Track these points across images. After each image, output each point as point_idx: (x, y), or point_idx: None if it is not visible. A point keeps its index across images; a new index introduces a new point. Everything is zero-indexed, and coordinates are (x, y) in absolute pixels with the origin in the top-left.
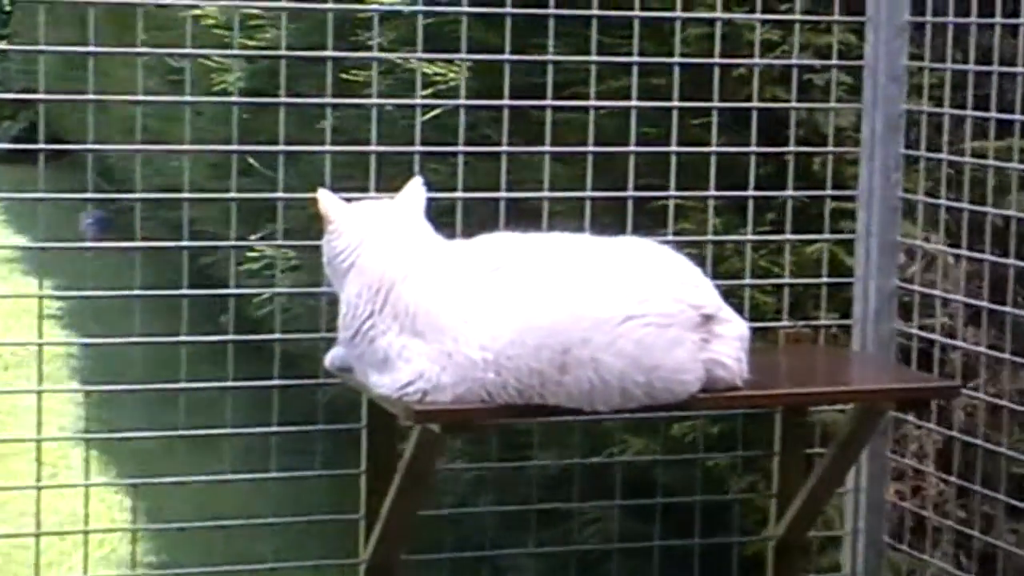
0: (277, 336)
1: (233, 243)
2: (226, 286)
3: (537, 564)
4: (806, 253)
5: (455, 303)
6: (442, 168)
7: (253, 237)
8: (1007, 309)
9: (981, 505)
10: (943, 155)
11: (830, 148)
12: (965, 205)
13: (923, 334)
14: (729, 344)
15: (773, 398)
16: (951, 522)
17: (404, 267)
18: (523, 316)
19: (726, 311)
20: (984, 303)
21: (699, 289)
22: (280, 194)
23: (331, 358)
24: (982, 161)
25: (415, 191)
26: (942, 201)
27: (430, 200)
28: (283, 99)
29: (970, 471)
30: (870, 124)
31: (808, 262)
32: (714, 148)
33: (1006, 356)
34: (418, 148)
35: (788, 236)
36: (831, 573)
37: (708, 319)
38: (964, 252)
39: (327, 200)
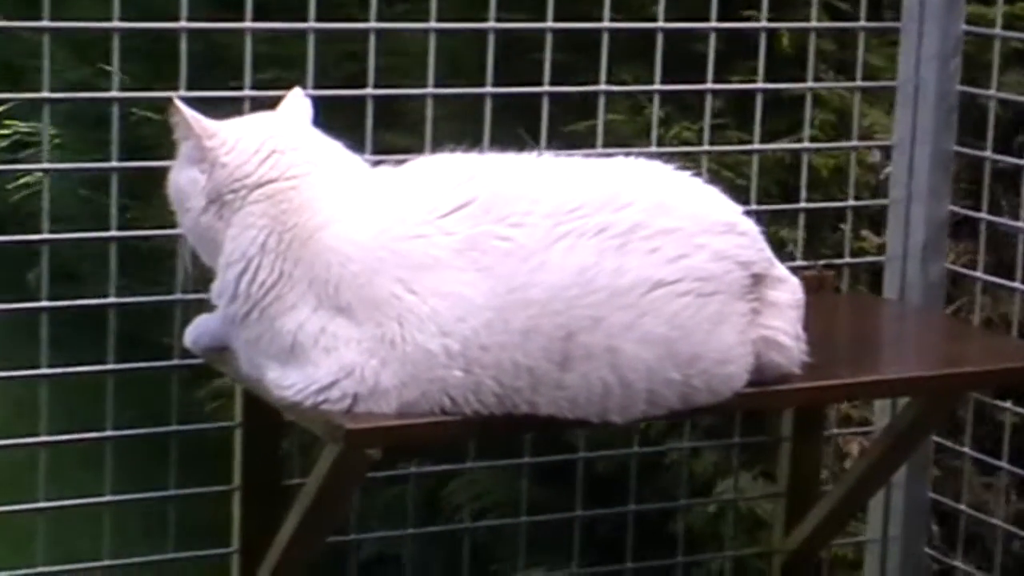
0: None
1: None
2: None
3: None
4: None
5: (399, 264)
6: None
7: None
8: None
9: None
10: None
11: (862, 23)
12: None
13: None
14: (785, 315)
15: (847, 390)
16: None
17: (328, 208)
18: (504, 284)
19: (778, 267)
20: None
21: (745, 238)
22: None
23: (196, 334)
24: None
25: (297, 105)
26: None
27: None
28: None
29: None
30: None
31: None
32: (661, 24)
33: None
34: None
35: (807, 144)
36: None
37: (758, 280)
38: None
39: (190, 111)
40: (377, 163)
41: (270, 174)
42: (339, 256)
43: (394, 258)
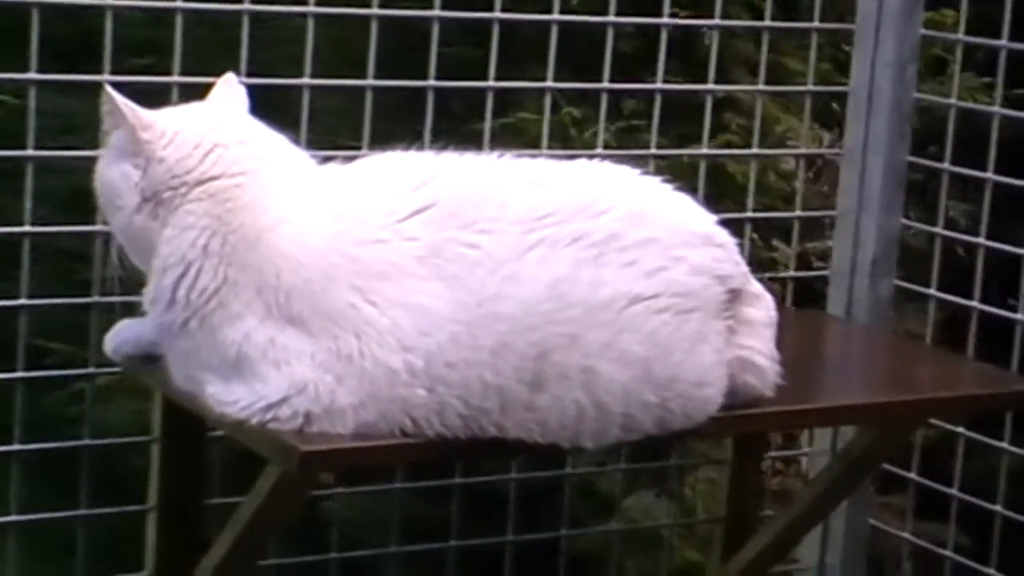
0: None
1: None
2: None
3: None
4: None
5: (356, 272)
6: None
7: None
8: None
9: None
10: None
11: (816, 24)
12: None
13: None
14: (760, 334)
15: (820, 415)
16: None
17: (276, 209)
18: (472, 296)
19: (753, 282)
20: None
21: (722, 250)
22: None
23: (117, 341)
24: None
25: (232, 93)
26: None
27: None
28: None
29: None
30: None
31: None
32: (612, 19)
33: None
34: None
35: (756, 150)
36: None
37: (734, 296)
38: None
39: (123, 99)
40: (324, 159)
41: (213, 170)
42: (290, 262)
43: (351, 265)
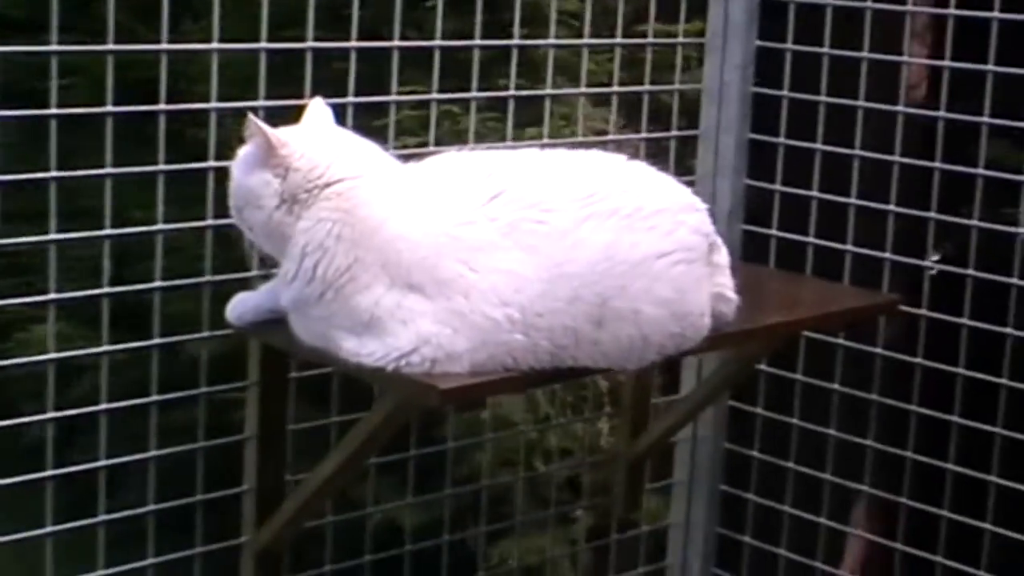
0: None
1: None
2: None
3: None
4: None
5: (459, 247)
6: None
7: None
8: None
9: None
10: (825, 48)
11: (680, 40)
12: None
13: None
14: (726, 274)
15: (778, 328)
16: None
17: (388, 202)
18: (549, 260)
19: (717, 235)
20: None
21: (702, 213)
22: None
23: (240, 311)
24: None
25: (323, 112)
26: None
27: None
28: None
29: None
30: (721, 13)
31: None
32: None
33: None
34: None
35: (644, 135)
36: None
37: (711, 247)
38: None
39: (264, 124)
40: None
41: (337, 175)
42: (408, 243)
43: (454, 243)
